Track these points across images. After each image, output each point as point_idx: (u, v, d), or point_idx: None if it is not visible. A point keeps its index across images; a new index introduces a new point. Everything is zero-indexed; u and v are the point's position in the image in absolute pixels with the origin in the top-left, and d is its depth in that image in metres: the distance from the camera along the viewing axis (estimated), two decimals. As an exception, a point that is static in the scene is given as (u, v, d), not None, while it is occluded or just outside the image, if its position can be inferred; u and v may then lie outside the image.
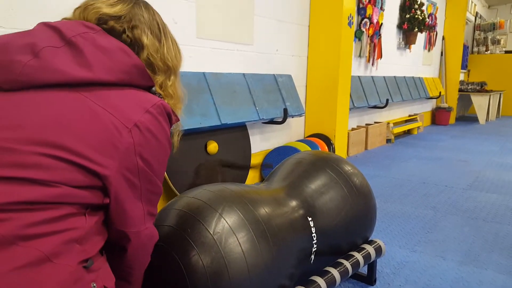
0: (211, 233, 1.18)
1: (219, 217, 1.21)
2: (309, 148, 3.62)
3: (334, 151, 3.98)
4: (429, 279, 1.90)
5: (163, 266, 1.22)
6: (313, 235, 1.46)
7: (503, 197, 3.22)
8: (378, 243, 1.76)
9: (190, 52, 2.85)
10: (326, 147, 3.93)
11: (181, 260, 1.17)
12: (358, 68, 5.18)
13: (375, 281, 1.85)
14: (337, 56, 3.88)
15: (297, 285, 1.40)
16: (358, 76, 5.06)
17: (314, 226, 1.47)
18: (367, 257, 1.67)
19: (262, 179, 3.58)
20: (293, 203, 1.47)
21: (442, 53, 8.15)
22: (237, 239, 1.19)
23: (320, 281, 1.43)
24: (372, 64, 5.44)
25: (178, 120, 1.00)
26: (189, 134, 2.72)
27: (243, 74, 3.18)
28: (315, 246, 1.46)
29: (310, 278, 1.45)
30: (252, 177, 3.47)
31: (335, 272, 1.49)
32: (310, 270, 1.50)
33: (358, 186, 1.70)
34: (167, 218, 1.27)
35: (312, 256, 1.47)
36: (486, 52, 10.07)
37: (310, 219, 1.46)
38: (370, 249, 1.70)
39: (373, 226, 1.81)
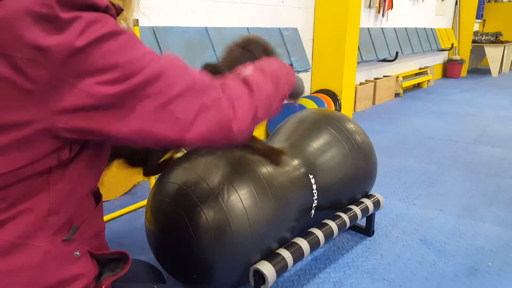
0: (214, 190, 1.23)
1: (221, 175, 1.27)
2: (315, 105, 3.62)
3: (340, 107, 3.97)
4: (426, 231, 1.97)
5: (169, 221, 1.29)
6: (313, 191, 1.51)
7: (508, 151, 3.23)
8: (377, 197, 1.81)
9: (192, 6, 2.79)
10: (332, 103, 3.92)
11: (186, 215, 1.24)
12: (367, 20, 5.02)
13: (373, 232, 1.93)
14: (345, 7, 3.76)
15: (297, 237, 1.48)
16: (368, 28, 4.92)
17: (315, 183, 1.52)
18: (365, 210, 1.73)
19: (267, 136, 3.62)
20: (295, 161, 1.51)
21: (456, 2, 7.82)
22: (239, 195, 1.24)
23: (318, 233, 1.50)
24: (383, 15, 5.27)
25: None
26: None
27: (247, 28, 3.13)
28: (315, 201, 1.52)
29: (309, 230, 1.52)
30: (257, 134, 3.51)
31: (333, 225, 1.56)
32: (311, 223, 1.57)
33: (359, 143, 1.73)
34: (172, 175, 1.33)
35: (313, 211, 1.53)
36: (504, 0, 9.61)
37: (311, 176, 1.51)
38: (368, 202, 1.76)
39: (373, 181, 1.85)
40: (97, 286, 0.75)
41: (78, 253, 0.70)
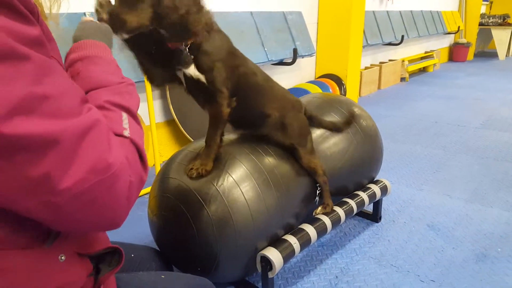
0: (215, 185, 1.21)
1: (222, 169, 1.24)
2: (319, 90, 3.58)
3: (345, 92, 3.92)
4: (434, 217, 1.95)
5: (171, 217, 1.28)
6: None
7: (516, 135, 3.19)
8: (384, 183, 1.79)
9: (195, -10, 2.73)
10: (337, 88, 3.87)
11: (187, 210, 1.22)
12: (372, 2, 4.92)
13: (380, 218, 1.91)
14: (350, -10, 3.68)
15: (304, 223, 1.46)
16: (373, 11, 4.82)
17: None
18: (372, 196, 1.71)
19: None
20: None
21: (463, -17, 7.66)
22: (240, 189, 1.22)
23: (325, 219, 1.48)
24: (388, -2, 5.17)
25: None
26: (197, 77, 2.70)
27: (251, 12, 3.07)
28: (319, 188, 1.49)
29: (316, 216, 1.50)
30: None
31: (340, 211, 1.54)
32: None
33: (364, 128, 1.70)
34: (172, 171, 1.31)
35: (317, 198, 1.51)
36: (512, -19, 9.40)
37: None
38: (375, 188, 1.73)
39: (379, 166, 1.83)
40: (95, 284, 0.70)
41: (63, 257, 0.63)
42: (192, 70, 1.11)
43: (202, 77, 1.11)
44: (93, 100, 0.64)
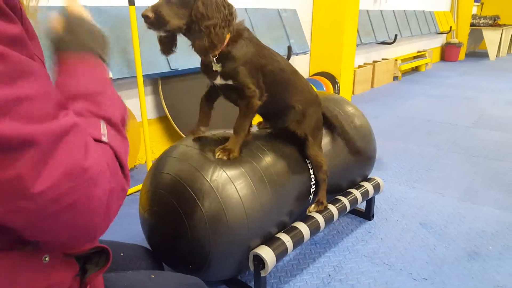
0: (208, 180, 1.20)
1: (215, 166, 1.23)
2: (313, 88, 3.57)
3: (339, 90, 3.92)
4: (426, 215, 1.96)
5: (163, 213, 1.26)
6: (311, 176, 1.48)
7: (507, 134, 3.21)
8: (377, 180, 1.79)
9: (188, -14, 2.70)
10: (331, 86, 3.87)
11: (180, 206, 1.20)
12: (366, 1, 4.93)
13: (372, 216, 1.91)
14: (344, -12, 3.68)
15: (297, 221, 1.45)
16: (367, 10, 4.83)
17: (312, 168, 1.48)
18: (365, 193, 1.70)
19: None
20: (291, 147, 1.47)
21: (456, -16, 7.71)
22: (234, 185, 1.21)
23: (318, 217, 1.47)
24: (381, -3, 5.18)
25: None
26: (192, 73, 2.68)
27: (245, 9, 3.05)
28: (313, 186, 1.49)
29: (309, 214, 1.49)
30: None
31: (333, 208, 1.54)
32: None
33: (358, 126, 1.70)
34: (165, 166, 1.29)
35: (311, 196, 1.50)
36: (503, -17, 9.48)
37: (308, 161, 1.48)
38: (368, 186, 1.73)
39: (372, 164, 1.82)
40: (82, 285, 0.68)
41: (47, 258, 0.61)
42: (218, 81, 1.20)
43: (229, 82, 1.19)
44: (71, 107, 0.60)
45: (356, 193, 1.67)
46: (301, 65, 4.01)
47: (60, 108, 0.52)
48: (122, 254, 1.08)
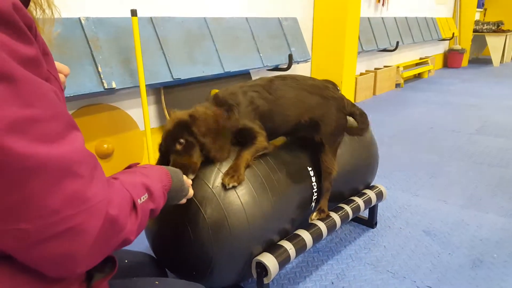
0: (210, 187, 1.20)
1: (217, 172, 1.23)
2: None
3: (340, 97, 3.93)
4: (430, 222, 1.95)
5: (166, 219, 1.26)
6: (313, 184, 1.48)
7: (510, 141, 3.20)
8: (379, 188, 1.78)
9: (190, -4, 2.74)
10: (333, 93, 3.87)
11: (183, 213, 1.21)
12: (367, 9, 4.96)
13: (376, 224, 1.90)
14: (345, -4, 3.71)
15: (299, 229, 1.45)
16: (368, 18, 4.85)
17: (314, 175, 1.49)
18: (367, 201, 1.70)
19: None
20: (293, 154, 1.48)
21: (458, -10, 7.73)
22: (236, 192, 1.21)
23: (321, 224, 1.47)
24: (383, 4, 5.21)
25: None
26: (194, 82, 2.70)
27: (246, 18, 3.07)
28: (315, 194, 1.49)
29: (311, 222, 1.49)
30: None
31: (335, 216, 1.53)
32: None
33: (360, 133, 1.70)
34: None
35: (313, 204, 1.50)
36: (505, -11, 9.50)
37: (310, 169, 1.48)
38: (371, 193, 1.73)
39: (374, 172, 1.82)
40: None
41: None
42: None
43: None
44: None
45: (359, 200, 1.67)
46: (303, 73, 4.03)
47: (69, 128, 0.54)
48: (126, 261, 1.09)
